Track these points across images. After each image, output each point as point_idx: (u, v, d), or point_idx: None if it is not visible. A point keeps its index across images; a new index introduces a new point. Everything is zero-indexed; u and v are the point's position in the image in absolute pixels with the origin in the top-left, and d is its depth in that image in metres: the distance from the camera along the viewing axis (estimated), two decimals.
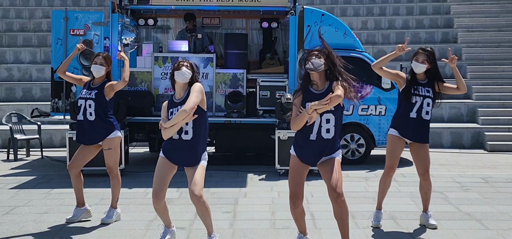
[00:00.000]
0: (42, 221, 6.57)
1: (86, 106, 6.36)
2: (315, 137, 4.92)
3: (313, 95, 4.92)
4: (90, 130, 6.39)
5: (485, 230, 6.24)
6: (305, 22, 10.51)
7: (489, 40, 18.28)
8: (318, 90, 4.97)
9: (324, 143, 4.94)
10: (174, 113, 5.13)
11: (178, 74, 5.16)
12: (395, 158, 6.19)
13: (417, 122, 6.03)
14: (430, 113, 6.09)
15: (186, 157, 5.25)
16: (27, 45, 18.33)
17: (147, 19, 11.25)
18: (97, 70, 6.41)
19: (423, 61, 6.04)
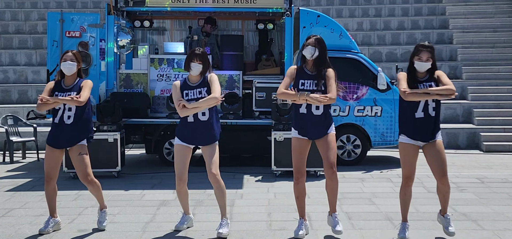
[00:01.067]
0: (38, 224, 6.55)
1: (64, 109, 5.89)
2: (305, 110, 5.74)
3: (307, 75, 5.77)
4: (66, 133, 5.91)
5: (481, 230, 6.25)
6: (301, 23, 10.52)
7: (485, 41, 18.34)
8: (311, 71, 5.78)
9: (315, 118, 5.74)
10: (189, 95, 5.83)
11: (194, 66, 5.86)
12: (409, 165, 5.71)
13: (425, 121, 5.58)
14: (437, 110, 5.61)
15: (205, 136, 5.93)
16: (23, 47, 18.31)
17: (143, 21, 11.25)
18: (69, 67, 5.90)
19: (428, 59, 5.52)
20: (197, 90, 5.85)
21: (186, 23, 11.82)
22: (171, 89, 6.16)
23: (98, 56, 10.06)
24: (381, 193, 8.24)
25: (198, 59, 5.87)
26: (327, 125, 5.80)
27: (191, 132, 5.90)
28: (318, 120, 5.75)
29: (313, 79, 5.72)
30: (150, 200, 7.89)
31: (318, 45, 5.78)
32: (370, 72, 10.81)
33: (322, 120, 5.76)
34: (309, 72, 5.77)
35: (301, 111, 5.75)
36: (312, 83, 5.70)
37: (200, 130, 5.89)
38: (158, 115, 10.38)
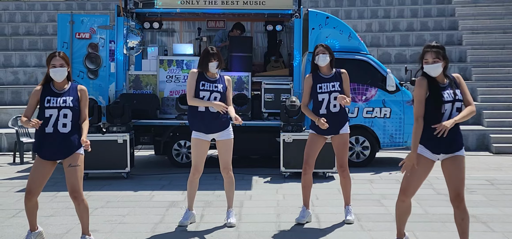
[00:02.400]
0: (48, 224, 6.60)
1: (58, 117, 5.30)
2: (324, 111, 6.36)
3: (323, 79, 6.40)
4: (62, 143, 5.31)
5: (491, 232, 6.23)
6: (310, 25, 10.53)
7: (494, 42, 18.27)
8: (326, 75, 6.42)
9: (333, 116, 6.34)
10: (206, 86, 6.21)
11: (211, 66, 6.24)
12: None
13: None
14: None
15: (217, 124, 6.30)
16: (33, 48, 18.42)
17: (152, 22, 11.30)
18: (60, 73, 5.32)
19: (435, 60, 4.91)
20: (213, 85, 6.25)
21: (195, 25, 11.86)
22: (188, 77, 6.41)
23: (107, 57, 10.12)
24: (390, 194, 8.22)
25: (214, 58, 6.26)
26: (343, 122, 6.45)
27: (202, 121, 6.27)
28: (336, 117, 6.38)
29: (329, 82, 6.37)
30: (159, 201, 7.92)
31: (327, 50, 6.42)
32: (379, 74, 10.79)
33: (339, 117, 6.40)
34: (325, 76, 6.41)
35: (321, 112, 6.38)
36: (329, 85, 6.35)
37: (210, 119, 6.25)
38: (167, 117, 10.41)
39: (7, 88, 15.89)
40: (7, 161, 11.97)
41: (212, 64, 6.24)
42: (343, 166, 6.50)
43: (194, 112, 6.29)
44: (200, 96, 6.21)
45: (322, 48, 6.40)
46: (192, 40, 11.79)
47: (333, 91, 6.34)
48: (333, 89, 6.34)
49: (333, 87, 6.35)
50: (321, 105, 6.38)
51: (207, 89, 6.22)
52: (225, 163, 6.41)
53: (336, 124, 6.40)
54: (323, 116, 6.34)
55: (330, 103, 6.36)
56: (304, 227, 6.47)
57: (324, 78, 6.39)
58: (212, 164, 11.17)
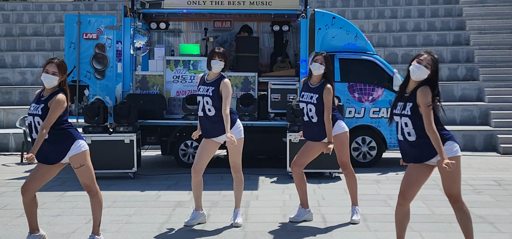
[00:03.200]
0: (55, 224, 6.64)
1: (34, 124, 5.38)
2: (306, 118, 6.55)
3: (309, 88, 6.50)
4: (45, 149, 5.32)
5: (498, 233, 6.21)
6: (316, 25, 10.51)
7: (502, 42, 18.18)
8: (313, 85, 6.47)
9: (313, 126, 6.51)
10: (200, 90, 6.30)
11: (214, 63, 6.26)
12: None
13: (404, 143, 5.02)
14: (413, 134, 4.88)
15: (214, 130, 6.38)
16: (41, 49, 18.49)
17: (159, 23, 11.31)
18: (49, 80, 5.32)
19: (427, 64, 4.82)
20: (205, 88, 6.29)
21: (202, 25, 11.88)
22: None
23: (114, 58, 10.14)
24: (396, 195, 8.11)
25: (219, 57, 6.27)
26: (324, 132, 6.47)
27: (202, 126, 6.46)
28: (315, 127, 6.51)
29: (311, 92, 6.45)
30: (166, 201, 7.94)
31: (325, 62, 6.41)
32: (386, 74, 10.77)
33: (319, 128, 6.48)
34: (312, 86, 6.48)
35: (305, 119, 6.59)
36: (308, 96, 6.46)
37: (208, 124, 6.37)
38: (174, 117, 10.42)
39: (15, 89, 15.97)
40: (14, 160, 12.02)
41: (215, 62, 6.27)
42: (344, 165, 6.65)
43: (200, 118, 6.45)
44: (197, 101, 6.41)
45: (321, 58, 6.40)
46: (199, 40, 11.80)
47: (310, 102, 6.43)
48: (310, 101, 6.43)
49: (311, 99, 6.42)
50: (303, 114, 6.58)
51: (200, 93, 6.32)
52: (233, 162, 6.50)
53: (316, 133, 6.50)
54: (305, 123, 6.57)
55: (308, 114, 6.48)
56: (310, 227, 6.46)
57: (310, 88, 6.49)
58: (219, 164, 11.19)
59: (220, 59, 6.28)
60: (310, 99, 6.43)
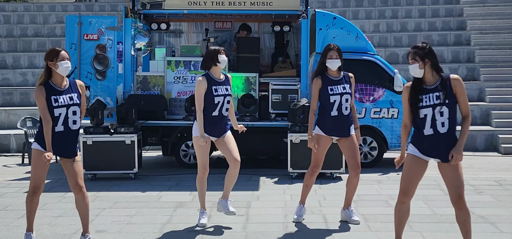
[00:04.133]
0: (56, 224, 6.64)
1: (67, 114, 5.31)
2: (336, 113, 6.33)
3: (332, 81, 6.36)
4: (73, 140, 5.40)
5: (499, 233, 6.21)
6: (317, 25, 10.51)
7: (503, 42, 18.17)
8: (335, 77, 6.38)
9: (344, 118, 6.37)
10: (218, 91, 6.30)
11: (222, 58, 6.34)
12: None
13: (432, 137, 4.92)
14: (447, 124, 4.86)
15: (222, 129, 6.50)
16: (42, 50, 18.49)
17: (160, 23, 11.32)
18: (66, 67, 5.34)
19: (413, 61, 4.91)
20: (224, 87, 6.39)
21: (203, 26, 11.88)
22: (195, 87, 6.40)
23: (115, 58, 10.14)
24: (397, 195, 8.19)
25: (224, 52, 6.41)
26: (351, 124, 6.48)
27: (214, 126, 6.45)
28: (346, 120, 6.41)
29: (340, 84, 6.36)
30: (167, 201, 7.94)
31: (340, 55, 6.38)
32: (387, 74, 10.77)
33: (349, 120, 6.44)
34: (335, 78, 6.37)
35: (332, 114, 6.34)
36: (340, 87, 6.34)
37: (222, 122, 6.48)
38: (175, 118, 10.42)
39: (16, 90, 15.98)
40: (16, 161, 12.03)
41: (222, 57, 6.34)
42: (360, 166, 6.51)
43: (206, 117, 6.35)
44: (215, 102, 6.31)
45: (335, 53, 6.33)
46: (200, 41, 11.81)
47: (344, 93, 6.33)
48: (344, 91, 6.33)
49: (344, 89, 6.34)
50: (332, 108, 6.33)
51: (221, 93, 6.34)
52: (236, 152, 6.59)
53: (346, 126, 6.41)
54: (334, 118, 6.34)
55: (342, 106, 6.34)
56: (311, 227, 6.46)
57: (333, 80, 6.36)
58: (218, 164, 11.19)
59: (225, 54, 6.43)
60: (343, 90, 6.33)
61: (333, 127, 6.39)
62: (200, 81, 6.26)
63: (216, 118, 6.37)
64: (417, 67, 4.86)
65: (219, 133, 6.49)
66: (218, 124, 6.42)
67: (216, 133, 6.48)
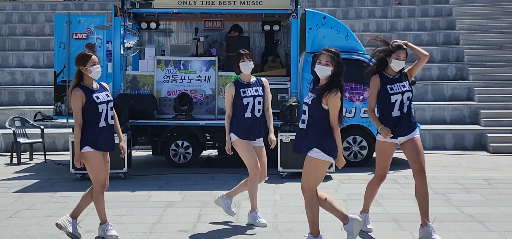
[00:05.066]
0: (45, 225, 6.60)
1: (107, 110, 5.75)
2: (398, 113, 5.96)
3: (391, 79, 5.98)
4: (111, 135, 5.84)
5: (487, 232, 6.24)
6: (307, 24, 10.53)
7: (491, 42, 18.29)
8: (393, 75, 6.01)
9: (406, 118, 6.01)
10: (247, 93, 6.39)
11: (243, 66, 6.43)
12: None
13: None
14: None
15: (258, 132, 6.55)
16: (30, 49, 18.39)
17: (150, 22, 11.28)
18: (99, 71, 5.74)
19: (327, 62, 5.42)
20: (253, 89, 6.43)
21: (193, 25, 11.86)
22: None
23: (104, 58, 10.10)
24: (387, 194, 8.22)
25: (247, 57, 6.45)
26: (415, 123, 6.08)
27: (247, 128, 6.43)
28: (408, 119, 5.99)
29: (399, 82, 5.98)
30: (157, 201, 7.92)
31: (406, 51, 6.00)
32: None
33: (411, 119, 6.02)
34: (393, 77, 6.00)
35: (394, 115, 5.93)
36: (400, 85, 5.95)
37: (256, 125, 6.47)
38: (165, 117, 10.40)
39: (4, 89, 15.86)
40: (4, 161, 11.94)
41: (244, 64, 6.42)
42: (424, 169, 5.91)
43: (239, 119, 6.42)
44: (244, 103, 6.37)
45: (404, 54, 5.95)
46: (190, 40, 11.78)
47: (405, 91, 5.93)
48: (405, 89, 5.93)
49: (404, 87, 5.94)
50: (393, 108, 5.93)
51: (250, 94, 6.40)
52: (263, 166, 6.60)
53: (409, 126, 5.96)
54: (397, 119, 5.92)
55: (404, 105, 5.93)
56: (301, 226, 6.46)
57: (392, 79, 5.98)
58: (209, 164, 11.19)
59: (249, 59, 6.44)
60: (404, 88, 5.94)
61: (396, 128, 5.93)
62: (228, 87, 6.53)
63: (247, 120, 6.42)
64: (330, 70, 5.37)
65: (255, 135, 6.52)
66: (251, 125, 6.45)
67: (252, 135, 6.49)
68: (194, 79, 10.36)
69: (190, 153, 10.66)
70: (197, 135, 10.66)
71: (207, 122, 10.28)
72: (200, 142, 10.79)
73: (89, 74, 5.63)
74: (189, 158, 10.66)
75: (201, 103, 10.39)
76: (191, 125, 10.38)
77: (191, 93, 10.30)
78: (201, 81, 10.36)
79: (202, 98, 10.38)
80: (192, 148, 10.66)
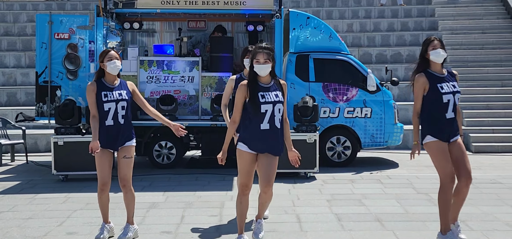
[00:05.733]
0: (26, 227, 6.52)
1: (117, 109, 5.70)
2: (452, 115, 5.56)
3: (440, 78, 5.53)
4: (119, 134, 5.74)
5: (469, 231, 6.28)
6: (291, 25, 10.54)
7: (474, 42, 18.44)
8: (441, 74, 5.57)
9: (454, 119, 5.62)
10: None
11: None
12: None
13: None
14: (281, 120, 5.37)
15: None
16: (12, 49, 18.18)
17: (133, 22, 11.19)
18: (115, 66, 5.73)
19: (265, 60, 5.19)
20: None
21: (176, 25, 11.80)
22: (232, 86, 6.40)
23: (87, 58, 10.04)
24: (371, 194, 8.26)
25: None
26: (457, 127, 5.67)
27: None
28: (455, 121, 5.61)
29: (449, 81, 5.55)
30: (140, 202, 7.84)
31: (444, 45, 5.61)
32: (360, 74, 10.84)
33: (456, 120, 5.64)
34: (441, 75, 5.56)
35: (448, 117, 5.51)
36: (449, 85, 5.53)
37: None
38: (148, 118, 10.29)
39: None
40: None
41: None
42: (471, 173, 5.63)
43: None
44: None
45: (439, 43, 5.51)
46: (173, 40, 11.73)
47: (456, 91, 5.51)
48: (455, 90, 5.51)
49: (454, 87, 5.52)
50: (446, 109, 5.47)
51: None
52: None
53: (456, 127, 5.60)
54: (450, 121, 5.51)
55: (456, 106, 5.55)
56: (285, 227, 6.46)
57: (441, 78, 5.51)
58: (193, 165, 11.14)
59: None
60: (454, 88, 5.50)
61: (446, 129, 5.53)
62: None
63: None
64: (270, 67, 5.25)
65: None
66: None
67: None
68: (177, 79, 10.32)
69: (173, 153, 10.62)
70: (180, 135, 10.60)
71: (191, 123, 10.24)
72: (184, 143, 10.75)
73: (106, 70, 5.73)
74: (173, 159, 10.62)
75: (184, 103, 10.35)
76: None
77: (175, 94, 10.25)
78: (184, 81, 10.32)
79: (186, 99, 10.34)
80: (176, 149, 10.61)
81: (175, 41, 11.51)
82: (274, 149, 5.40)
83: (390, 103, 10.89)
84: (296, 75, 10.76)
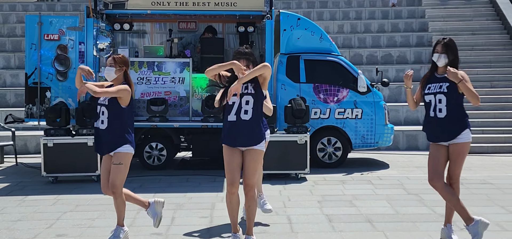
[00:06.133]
0: (15, 229, 6.48)
1: (99, 113, 5.69)
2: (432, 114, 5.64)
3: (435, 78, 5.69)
4: (102, 137, 5.67)
5: (459, 231, 6.29)
6: (281, 26, 10.55)
7: (463, 43, 18.53)
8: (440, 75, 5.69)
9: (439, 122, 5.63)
10: None
11: None
12: None
13: None
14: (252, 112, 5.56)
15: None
16: (1, 50, 18.09)
17: (123, 23, 11.14)
18: (107, 73, 5.72)
19: None
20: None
21: (167, 26, 11.77)
22: None
23: (77, 59, 9.99)
24: (361, 195, 8.27)
25: None
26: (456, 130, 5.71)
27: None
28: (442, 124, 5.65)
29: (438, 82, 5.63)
30: (130, 204, 7.79)
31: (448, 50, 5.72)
32: (351, 75, 10.86)
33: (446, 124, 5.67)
34: (439, 76, 5.67)
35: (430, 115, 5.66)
36: (437, 86, 5.62)
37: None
38: (138, 119, 10.29)
39: None
40: None
41: None
42: (453, 178, 5.73)
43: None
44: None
45: (441, 47, 5.68)
46: (163, 41, 11.70)
47: (438, 92, 5.57)
48: (439, 91, 5.57)
49: (440, 88, 5.58)
50: (429, 108, 5.67)
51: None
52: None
53: (444, 130, 5.62)
54: (436, 120, 5.61)
55: (436, 107, 5.59)
56: (275, 229, 6.46)
57: (435, 78, 5.67)
58: (183, 166, 11.12)
59: None
60: (439, 89, 5.57)
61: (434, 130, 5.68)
62: None
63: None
64: None
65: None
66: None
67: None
68: (168, 80, 10.29)
69: (164, 155, 10.58)
70: (171, 137, 10.60)
71: (181, 124, 10.22)
72: (175, 144, 10.72)
73: None
74: (163, 160, 10.59)
75: (175, 105, 10.33)
76: (165, 126, 10.32)
77: (165, 95, 10.22)
78: (175, 83, 10.29)
79: (176, 100, 10.31)
80: (166, 150, 10.58)
81: (166, 42, 11.49)
82: (243, 141, 5.57)
83: (380, 104, 10.91)
84: (286, 76, 10.76)
